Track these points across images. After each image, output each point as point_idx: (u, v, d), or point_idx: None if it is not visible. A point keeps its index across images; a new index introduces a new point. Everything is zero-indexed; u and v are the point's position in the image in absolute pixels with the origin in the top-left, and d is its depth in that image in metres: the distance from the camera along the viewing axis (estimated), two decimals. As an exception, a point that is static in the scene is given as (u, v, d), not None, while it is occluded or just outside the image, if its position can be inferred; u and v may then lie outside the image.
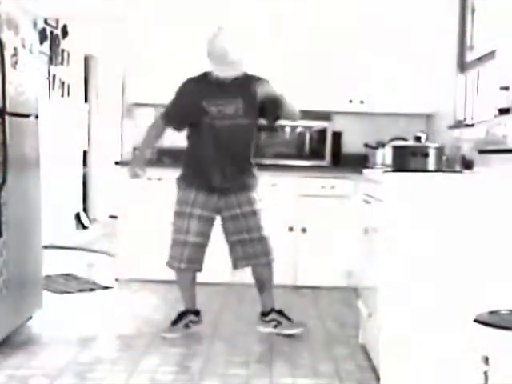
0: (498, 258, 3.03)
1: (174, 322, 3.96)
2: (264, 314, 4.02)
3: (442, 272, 3.06)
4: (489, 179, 3.15)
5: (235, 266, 3.98)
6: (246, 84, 3.74)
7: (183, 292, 4.00)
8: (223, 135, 3.75)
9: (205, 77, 3.81)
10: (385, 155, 5.24)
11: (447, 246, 3.06)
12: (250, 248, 3.88)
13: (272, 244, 3.96)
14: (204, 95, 3.73)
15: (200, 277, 4.02)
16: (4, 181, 3.48)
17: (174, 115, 3.88)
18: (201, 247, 3.87)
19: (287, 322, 3.99)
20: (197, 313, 4.02)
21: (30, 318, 4.04)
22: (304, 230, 5.30)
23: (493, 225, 3.04)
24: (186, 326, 3.96)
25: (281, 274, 5.16)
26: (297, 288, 5.28)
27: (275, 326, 3.98)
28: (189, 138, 3.92)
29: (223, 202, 3.86)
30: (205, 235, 3.87)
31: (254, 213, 3.87)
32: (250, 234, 3.87)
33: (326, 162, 5.55)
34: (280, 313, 4.02)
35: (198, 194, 3.82)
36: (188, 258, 3.85)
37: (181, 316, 3.98)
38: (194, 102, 3.74)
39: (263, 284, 4.00)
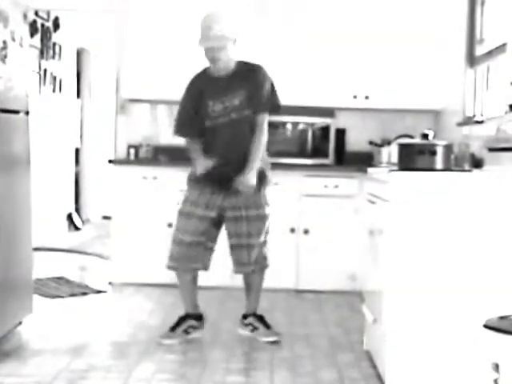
0: (509, 261, 3.03)
1: (173, 328, 3.95)
2: (244, 317, 4.08)
3: (450, 275, 3.06)
4: (499, 178, 3.15)
5: (234, 270, 4.03)
6: (246, 74, 3.83)
7: (183, 294, 4.01)
8: (230, 129, 3.81)
9: (205, 73, 3.89)
10: (390, 153, 5.24)
11: (455, 248, 3.06)
12: (246, 254, 3.94)
13: (269, 249, 4.03)
14: (209, 93, 3.81)
15: (198, 280, 4.02)
16: (-7, 180, 3.49)
17: (185, 122, 3.92)
18: (200, 246, 3.89)
19: (264, 328, 4.02)
20: (199, 317, 4.02)
21: (20, 323, 4.04)
22: (306, 232, 5.30)
23: (503, 226, 3.04)
24: (186, 331, 3.95)
25: (282, 278, 5.18)
26: (298, 292, 5.28)
27: (252, 331, 4.02)
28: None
29: (228, 202, 3.88)
30: (206, 234, 3.89)
31: (259, 217, 3.93)
32: (249, 239, 3.92)
33: (329, 161, 5.55)
34: (259, 318, 4.05)
35: (202, 194, 3.86)
36: (184, 256, 3.87)
37: (180, 321, 3.97)
38: (202, 100, 3.81)
39: (251, 287, 4.08)
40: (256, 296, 4.10)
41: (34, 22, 7.02)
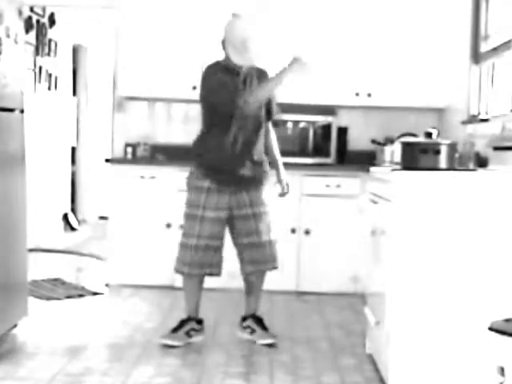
0: (514, 262, 3.03)
1: (175, 329, 3.95)
2: (243, 319, 4.08)
3: (454, 277, 3.06)
4: (505, 178, 3.15)
5: (243, 270, 4.00)
6: (258, 76, 3.90)
7: (188, 298, 3.99)
8: (248, 126, 3.84)
9: (226, 67, 3.85)
10: (393, 152, 5.25)
11: (459, 248, 3.06)
12: (259, 252, 3.93)
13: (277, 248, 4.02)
14: (235, 86, 3.80)
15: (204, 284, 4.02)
16: (-13, 179, 3.48)
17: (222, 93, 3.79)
18: (216, 250, 3.88)
19: (261, 331, 4.02)
20: (199, 322, 4.02)
21: (15, 325, 4.04)
22: (307, 232, 5.30)
23: (509, 226, 3.04)
24: (188, 333, 3.95)
25: (282, 279, 5.18)
26: (299, 294, 5.29)
27: (250, 333, 4.03)
28: (211, 128, 3.89)
29: (235, 201, 3.89)
30: (219, 237, 3.89)
31: (266, 214, 3.95)
32: (261, 237, 3.92)
33: (330, 160, 5.55)
34: (257, 321, 4.05)
35: (210, 195, 3.84)
36: (200, 262, 3.85)
37: (182, 323, 3.97)
38: (231, 90, 3.78)
39: (253, 289, 4.07)
40: (257, 297, 4.09)
41: (29, 18, 7.02)
